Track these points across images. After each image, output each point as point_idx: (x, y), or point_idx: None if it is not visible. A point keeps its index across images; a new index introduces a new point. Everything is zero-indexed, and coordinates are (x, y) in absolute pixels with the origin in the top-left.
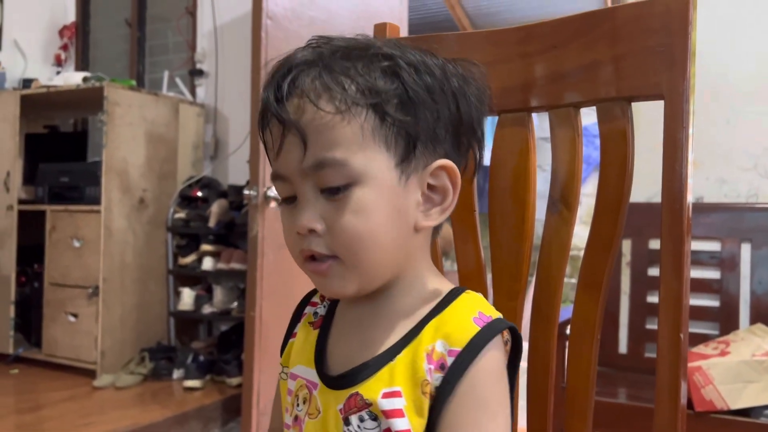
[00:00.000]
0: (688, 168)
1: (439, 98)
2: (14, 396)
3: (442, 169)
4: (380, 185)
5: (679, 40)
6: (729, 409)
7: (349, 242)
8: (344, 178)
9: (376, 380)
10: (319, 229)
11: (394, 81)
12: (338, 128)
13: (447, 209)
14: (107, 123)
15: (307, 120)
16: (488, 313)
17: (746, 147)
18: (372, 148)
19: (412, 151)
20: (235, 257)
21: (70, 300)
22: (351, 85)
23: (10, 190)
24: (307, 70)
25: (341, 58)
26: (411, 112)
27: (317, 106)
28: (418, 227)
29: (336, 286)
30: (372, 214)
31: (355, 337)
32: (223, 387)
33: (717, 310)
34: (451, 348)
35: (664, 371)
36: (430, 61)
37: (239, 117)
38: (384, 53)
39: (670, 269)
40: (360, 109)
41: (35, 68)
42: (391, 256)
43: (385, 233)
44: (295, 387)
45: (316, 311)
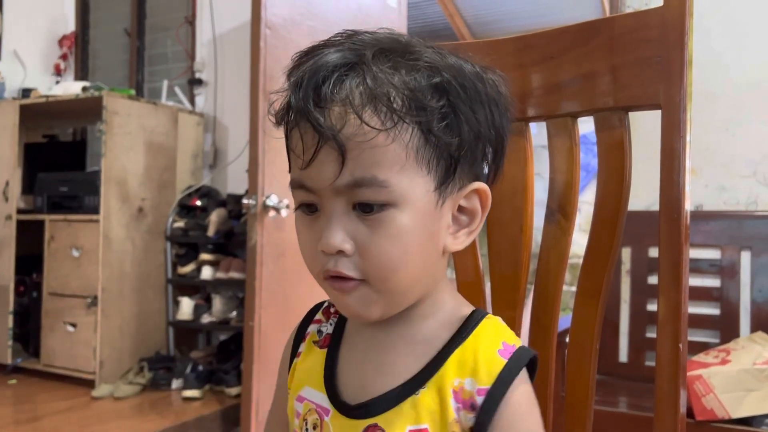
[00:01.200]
0: (685, 177)
1: (480, 114)
2: (12, 406)
3: (475, 192)
4: (417, 210)
5: (675, 51)
6: (730, 418)
7: (381, 267)
8: (382, 199)
9: (399, 415)
10: (349, 251)
11: (441, 98)
12: (382, 147)
13: (474, 232)
14: (106, 132)
15: (349, 133)
16: (512, 342)
17: (746, 155)
18: (414, 170)
19: (452, 174)
20: (234, 266)
21: (68, 310)
22: (397, 97)
23: (9, 200)
24: (350, 74)
25: (384, 64)
26: (456, 132)
27: (361, 119)
28: (446, 250)
29: (359, 308)
30: (407, 240)
31: (369, 361)
32: (222, 397)
33: (717, 318)
34: (479, 387)
35: (663, 381)
36: (468, 70)
37: (238, 126)
38: (429, 64)
39: (669, 278)
40: (406, 127)
41: (35, 78)
42: (419, 281)
43: (417, 259)
44: (303, 410)
45: (320, 329)
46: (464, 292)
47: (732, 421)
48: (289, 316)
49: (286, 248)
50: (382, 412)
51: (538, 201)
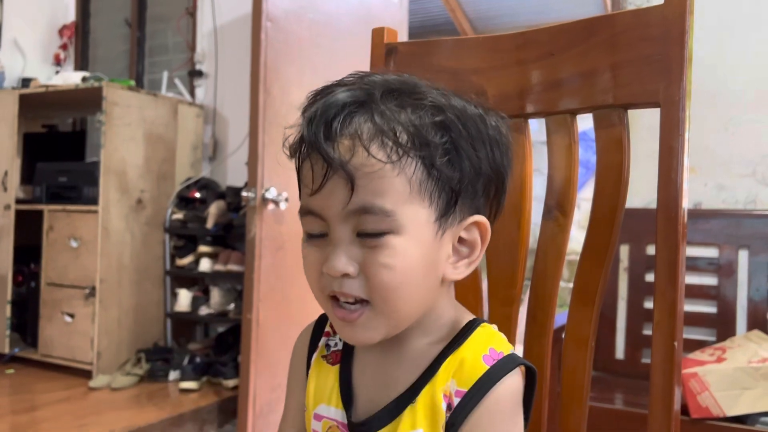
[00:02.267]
0: (683, 175)
1: (481, 152)
2: (9, 396)
3: (475, 225)
4: (418, 239)
5: (675, 49)
6: (725, 416)
7: (383, 289)
8: (385, 228)
9: (401, 424)
10: (353, 273)
11: (444, 134)
12: (388, 178)
13: (473, 263)
14: (106, 123)
15: (358, 164)
16: (500, 349)
17: (744, 154)
18: (417, 201)
19: (453, 207)
20: (233, 259)
21: (66, 300)
22: (402, 132)
23: (8, 190)
24: (359, 111)
25: (392, 102)
26: (457, 167)
27: (369, 152)
28: (446, 279)
29: (362, 334)
30: (406, 265)
31: (378, 379)
32: (219, 389)
33: (714, 316)
34: (458, 388)
35: (658, 379)
36: (470, 111)
37: (238, 118)
38: (434, 103)
39: (665, 276)
40: (410, 161)
41: (34, 67)
42: (418, 306)
43: (416, 285)
44: (323, 428)
45: (328, 343)
46: (461, 289)
47: (727, 419)
48: (287, 309)
49: (284, 241)
50: (386, 425)
51: (537, 197)
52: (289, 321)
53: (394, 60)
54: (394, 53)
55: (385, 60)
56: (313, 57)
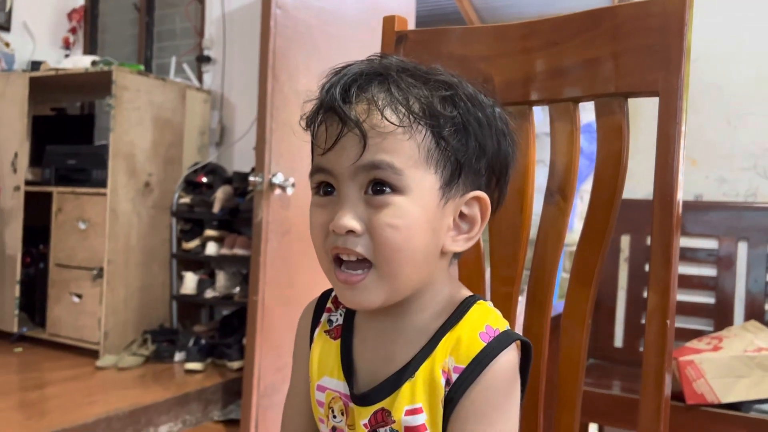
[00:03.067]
0: (679, 161)
1: (486, 133)
2: (18, 374)
3: (476, 200)
4: (423, 202)
5: (675, 40)
6: (720, 402)
7: (386, 247)
8: (395, 182)
9: (400, 397)
10: (358, 230)
11: (453, 109)
12: (399, 140)
13: (472, 238)
14: (115, 107)
15: (372, 124)
16: (496, 326)
17: (746, 147)
18: (424, 167)
19: (457, 178)
20: (239, 243)
21: (74, 281)
22: (414, 103)
23: (18, 171)
24: (377, 79)
25: (408, 76)
26: (463, 141)
27: (383, 114)
28: (444, 250)
29: (362, 298)
30: (410, 226)
31: (378, 353)
32: (223, 370)
33: (712, 306)
34: (456, 365)
35: (650, 361)
36: (482, 98)
37: (246, 104)
38: (446, 81)
39: (660, 261)
40: (420, 128)
41: (43, 51)
42: (419, 271)
43: (419, 247)
44: (327, 399)
45: (330, 318)
46: (464, 269)
47: (721, 406)
48: (292, 293)
49: (290, 226)
50: (386, 397)
51: (538, 187)
52: (293, 304)
53: (404, 47)
54: (404, 41)
55: (395, 48)
56: (320, 44)
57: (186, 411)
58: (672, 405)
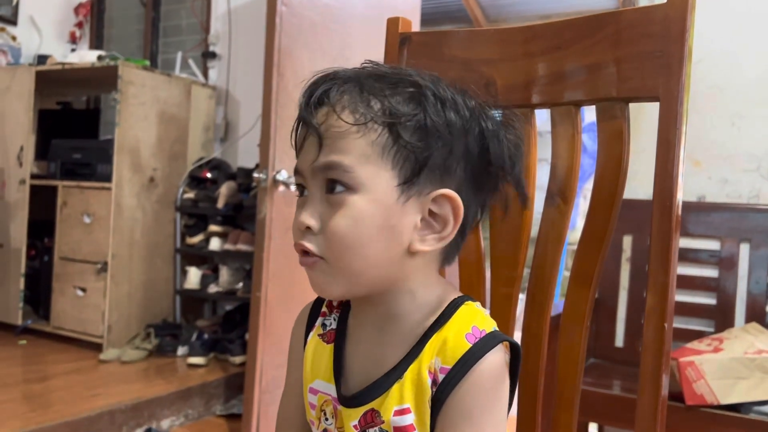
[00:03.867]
0: (679, 166)
1: (458, 134)
2: (22, 366)
3: (445, 199)
4: (377, 199)
5: (676, 46)
6: (719, 404)
7: (337, 245)
8: (346, 181)
9: (389, 398)
10: (314, 227)
11: (416, 107)
12: (351, 138)
13: (444, 238)
14: (120, 102)
15: (328, 126)
16: (482, 327)
17: (749, 149)
18: (377, 164)
19: (417, 175)
20: (242, 239)
21: (78, 274)
22: (376, 104)
23: (23, 165)
24: (341, 85)
25: (374, 80)
26: (424, 139)
27: (339, 116)
28: (413, 249)
29: (321, 283)
30: (361, 223)
31: (369, 356)
32: (226, 365)
33: (713, 307)
34: (442, 365)
35: (648, 360)
36: (461, 100)
37: (250, 100)
38: (414, 81)
39: (659, 263)
40: (376, 126)
41: (50, 45)
42: (377, 268)
43: (372, 245)
44: (318, 402)
45: (324, 322)
46: (465, 270)
47: (721, 407)
48: (294, 289)
49: None
50: (376, 398)
51: (539, 186)
52: (296, 300)
53: (408, 49)
54: (407, 42)
55: (399, 49)
56: (325, 42)
57: (188, 405)
58: (672, 406)
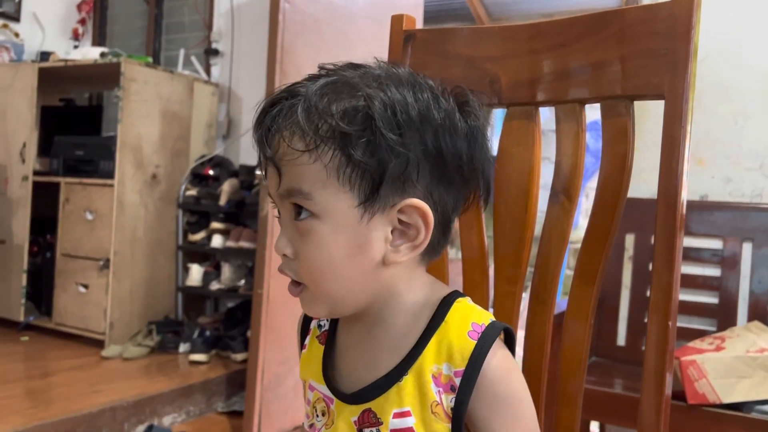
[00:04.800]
0: (684, 164)
1: (412, 141)
2: (24, 363)
3: (413, 208)
4: (339, 223)
5: (681, 44)
6: (721, 402)
7: (310, 272)
8: (307, 207)
9: (387, 400)
10: (289, 254)
11: (365, 124)
12: (305, 165)
13: (418, 246)
14: (123, 99)
15: (281, 154)
16: (480, 321)
17: (753, 147)
18: (335, 186)
19: (376, 191)
20: (244, 236)
21: (81, 271)
22: (323, 125)
23: (26, 161)
24: (288, 110)
25: (324, 98)
26: (376, 156)
27: (289, 145)
28: (388, 262)
29: (309, 308)
30: (328, 249)
31: (359, 357)
32: (227, 362)
33: (715, 306)
34: (456, 369)
35: (651, 356)
36: (412, 99)
37: (253, 97)
38: (366, 94)
39: (663, 261)
40: (326, 149)
41: (52, 41)
42: (355, 287)
43: (343, 267)
44: (313, 398)
45: (319, 324)
46: (469, 268)
47: (723, 406)
48: None
49: None
50: (373, 399)
51: (543, 184)
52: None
53: (412, 46)
54: (411, 40)
55: (403, 47)
56: (328, 39)
57: (190, 402)
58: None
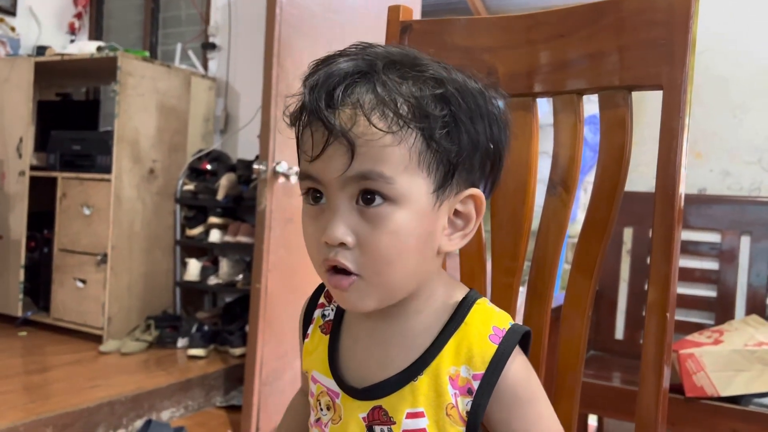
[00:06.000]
0: (682, 155)
1: (479, 125)
2: (22, 357)
3: (471, 198)
4: (417, 209)
5: (680, 34)
6: (719, 396)
7: (378, 261)
8: (386, 192)
9: (400, 399)
10: (351, 243)
11: (444, 107)
12: (389, 147)
13: (468, 235)
14: (120, 93)
15: (359, 132)
16: (502, 326)
17: (751, 141)
18: (416, 172)
19: (450, 179)
20: (242, 230)
21: (78, 266)
22: (403, 104)
23: (23, 156)
24: (362, 81)
25: (394, 74)
26: (455, 140)
27: (370, 121)
28: (441, 251)
29: (355, 301)
30: (406, 237)
31: (371, 352)
32: (226, 357)
33: (713, 300)
34: (475, 372)
35: (650, 349)
36: (471, 86)
37: (250, 92)
38: (435, 76)
39: (661, 253)
40: (410, 132)
41: (49, 35)
42: (412, 277)
43: (413, 255)
44: (316, 391)
45: (324, 313)
46: (466, 261)
47: (721, 399)
48: (294, 281)
49: (294, 214)
50: (385, 396)
51: (541, 179)
52: (296, 292)
53: (409, 37)
54: (408, 31)
55: (400, 37)
56: (325, 32)
57: (188, 396)
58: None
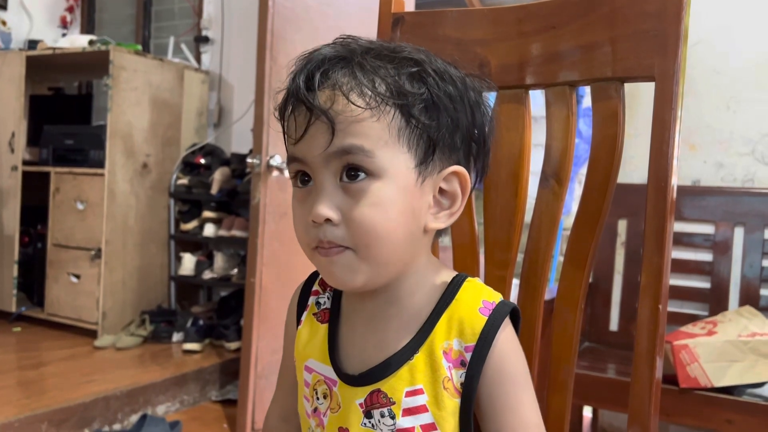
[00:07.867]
0: (674, 146)
1: (459, 107)
2: (17, 353)
3: (455, 175)
4: (399, 183)
5: (672, 25)
6: (713, 386)
7: (364, 234)
8: (367, 166)
9: (398, 379)
10: (335, 219)
11: (421, 86)
12: (367, 122)
13: (455, 214)
14: (113, 87)
15: (338, 109)
16: (491, 299)
17: (745, 132)
18: (396, 147)
19: (431, 155)
20: (237, 224)
21: (72, 261)
22: (381, 84)
23: (15, 151)
24: (340, 64)
25: (373, 57)
26: (434, 117)
27: (348, 99)
28: (427, 229)
29: (344, 276)
30: (389, 209)
31: (369, 338)
32: (221, 351)
33: (707, 291)
34: (466, 345)
35: (642, 340)
36: (452, 71)
37: (244, 85)
38: (413, 58)
39: (653, 245)
40: (388, 108)
41: (40, 29)
42: (400, 253)
43: (399, 230)
44: (312, 380)
45: (318, 301)
46: (459, 253)
47: (714, 390)
48: (289, 274)
49: (288, 208)
50: (383, 379)
51: (534, 171)
52: (291, 286)
53: (401, 29)
54: (400, 23)
55: (392, 29)
56: (319, 25)
57: (184, 391)
58: (665, 388)
